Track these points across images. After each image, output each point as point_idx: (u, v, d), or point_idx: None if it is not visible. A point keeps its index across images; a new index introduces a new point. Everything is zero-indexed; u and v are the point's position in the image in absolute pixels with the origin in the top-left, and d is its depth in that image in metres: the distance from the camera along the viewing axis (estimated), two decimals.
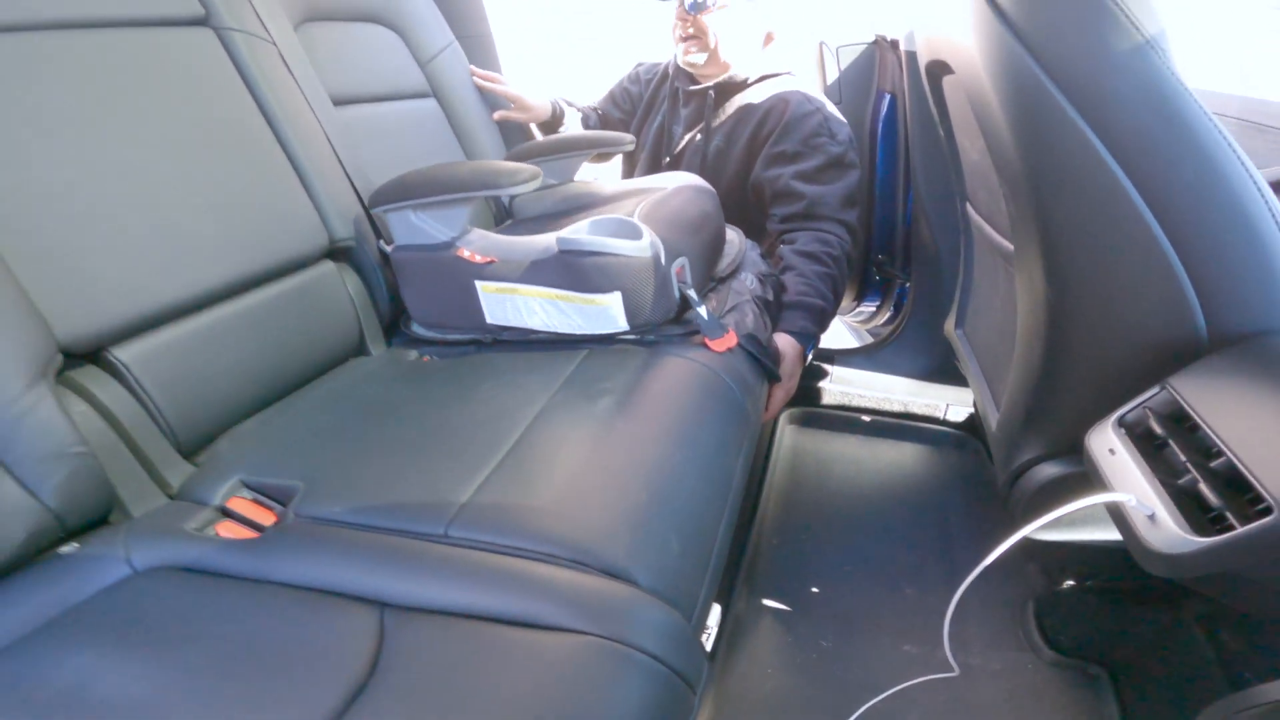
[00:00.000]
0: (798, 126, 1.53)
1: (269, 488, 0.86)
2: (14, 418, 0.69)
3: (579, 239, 1.00)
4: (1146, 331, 0.72)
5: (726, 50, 1.58)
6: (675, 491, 0.81)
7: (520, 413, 0.91)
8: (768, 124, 1.57)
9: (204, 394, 0.93)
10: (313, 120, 1.20)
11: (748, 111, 1.61)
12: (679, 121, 1.73)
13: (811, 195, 1.49)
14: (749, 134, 1.60)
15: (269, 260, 1.03)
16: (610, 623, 0.64)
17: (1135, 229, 0.70)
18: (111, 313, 0.84)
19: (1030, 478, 0.91)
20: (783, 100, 1.56)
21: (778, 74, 1.63)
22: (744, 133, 1.61)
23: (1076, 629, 1.10)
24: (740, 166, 1.63)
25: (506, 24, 1.90)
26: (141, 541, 0.76)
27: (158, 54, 1.01)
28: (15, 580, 0.71)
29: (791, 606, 1.21)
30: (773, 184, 1.54)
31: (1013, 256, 0.87)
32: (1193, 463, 0.63)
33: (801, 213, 1.50)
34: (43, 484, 0.71)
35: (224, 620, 0.66)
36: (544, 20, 3.23)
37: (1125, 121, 0.69)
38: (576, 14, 3.63)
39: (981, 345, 1.16)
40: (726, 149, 1.64)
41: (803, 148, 1.52)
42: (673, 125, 1.74)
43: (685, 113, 1.71)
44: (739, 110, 1.62)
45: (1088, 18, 0.68)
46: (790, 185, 1.51)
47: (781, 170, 1.53)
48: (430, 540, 0.73)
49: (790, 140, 1.53)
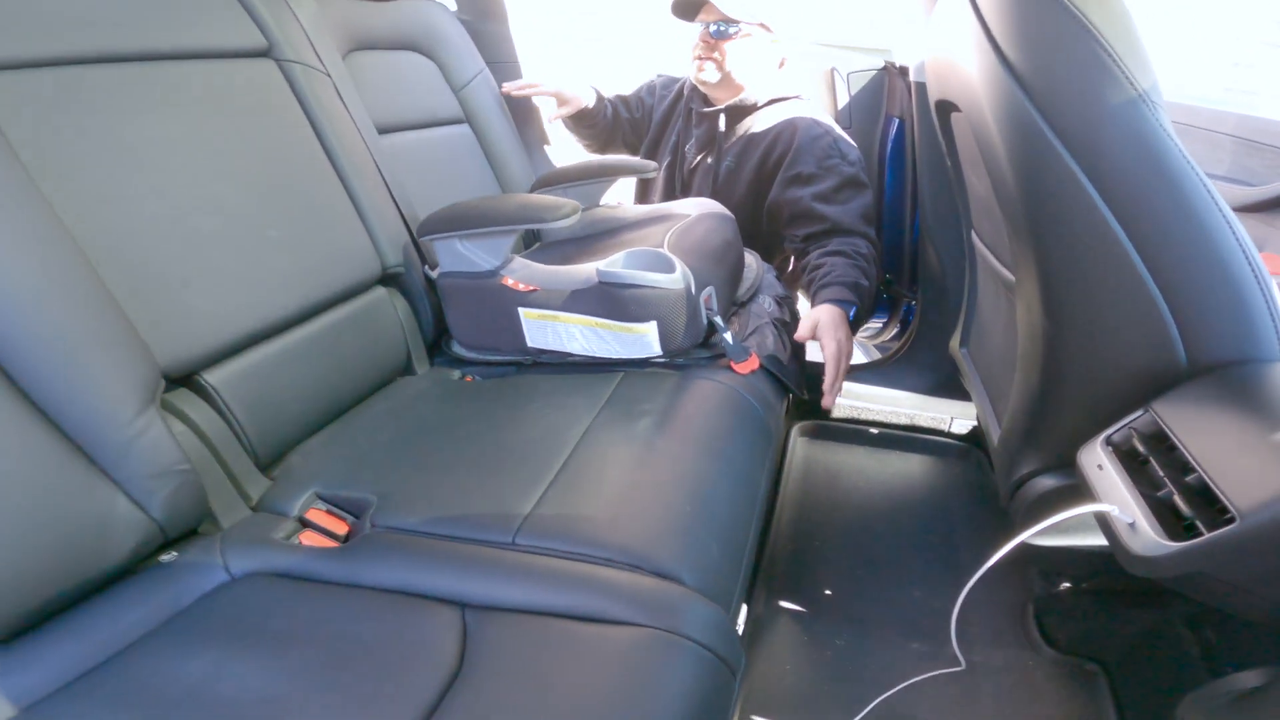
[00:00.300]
0: (810, 149, 1.60)
1: (342, 500, 0.95)
2: (128, 440, 0.77)
3: (618, 272, 1.09)
4: (1132, 361, 0.81)
5: (741, 74, 1.65)
6: (712, 502, 0.91)
7: (569, 431, 1.01)
8: (778, 147, 1.65)
9: (277, 413, 1.01)
10: (364, 149, 1.27)
11: (757, 135, 1.68)
12: (692, 141, 1.80)
13: (832, 215, 1.56)
14: (759, 157, 1.68)
15: (331, 288, 1.12)
16: (664, 616, 0.73)
17: (1123, 268, 0.78)
18: (203, 340, 0.93)
19: (1030, 489, 1.00)
20: (791, 125, 1.64)
21: (786, 98, 1.70)
22: (754, 155, 1.68)
23: (1073, 627, 1.18)
24: (750, 188, 1.71)
25: (512, 24, 1.97)
26: (236, 550, 0.85)
27: (229, 86, 1.08)
28: (124, 586, 0.79)
29: (807, 608, 1.29)
30: (792, 206, 1.61)
31: (1014, 287, 0.96)
32: (1170, 478, 0.72)
33: (823, 231, 1.57)
34: (151, 499, 0.79)
35: (322, 621, 0.75)
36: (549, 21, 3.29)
37: (1116, 169, 0.76)
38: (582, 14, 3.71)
39: (984, 365, 1.25)
40: (737, 170, 1.72)
41: (817, 169, 1.59)
42: (685, 145, 1.81)
43: (698, 133, 1.78)
44: (749, 133, 1.70)
45: (1086, 70, 0.75)
46: (811, 207, 1.58)
47: (800, 192, 1.60)
48: (500, 547, 0.82)
49: (804, 163, 1.60)
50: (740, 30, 1.60)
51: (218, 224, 0.98)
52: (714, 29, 1.61)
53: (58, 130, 0.86)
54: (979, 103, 0.88)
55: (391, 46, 1.52)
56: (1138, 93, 0.74)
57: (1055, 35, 0.77)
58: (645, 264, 1.11)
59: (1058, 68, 0.77)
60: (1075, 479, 0.89)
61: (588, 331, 1.15)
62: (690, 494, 0.90)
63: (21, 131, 0.80)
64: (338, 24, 1.35)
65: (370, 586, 0.80)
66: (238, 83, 1.10)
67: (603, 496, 0.88)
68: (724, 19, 1.59)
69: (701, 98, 1.76)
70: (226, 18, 1.12)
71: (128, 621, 0.76)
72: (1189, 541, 0.66)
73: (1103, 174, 0.77)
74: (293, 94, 1.18)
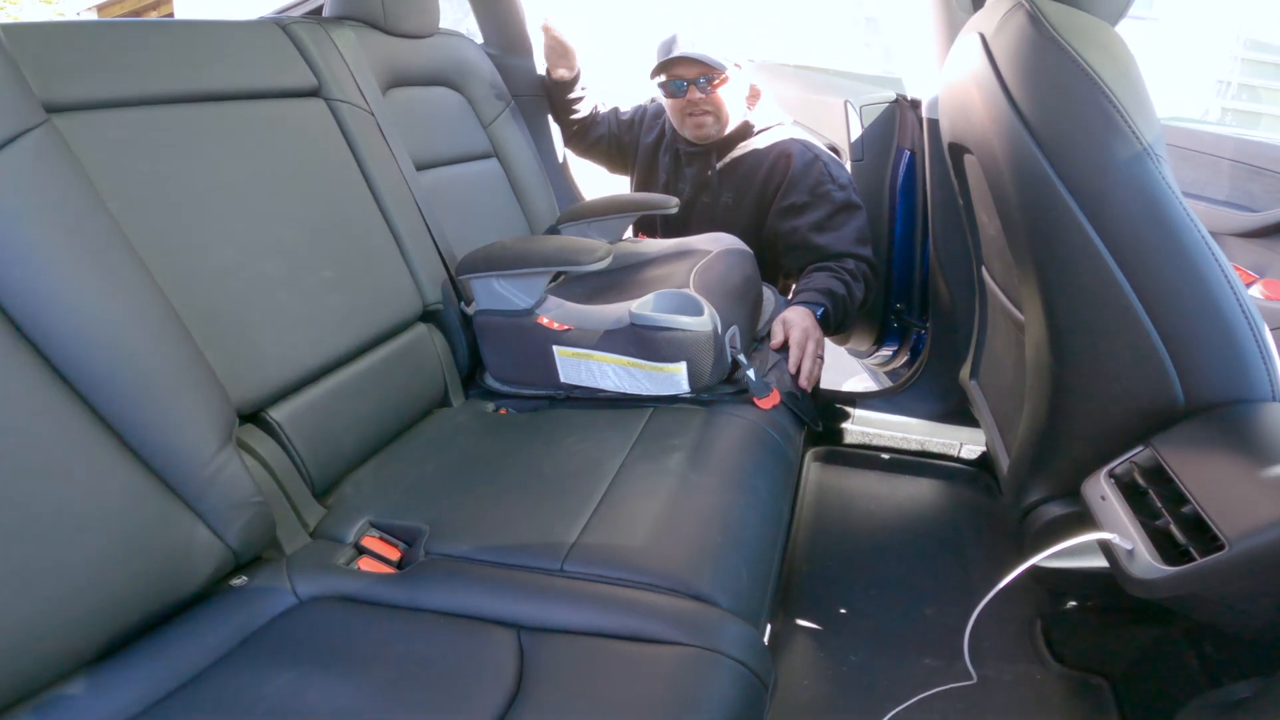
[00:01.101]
0: (803, 177, 1.65)
1: (395, 528, 1.01)
2: (210, 475, 0.83)
3: (650, 315, 1.16)
4: (1133, 400, 0.87)
5: (731, 115, 1.70)
6: (741, 530, 0.98)
7: (605, 465, 1.08)
8: (774, 178, 1.70)
9: (332, 445, 1.08)
10: (405, 188, 1.33)
11: (753, 167, 1.73)
12: (685, 181, 1.83)
13: (825, 244, 1.62)
14: (757, 189, 1.73)
15: (380, 326, 1.19)
16: (704, 636, 0.80)
17: (1124, 313, 0.84)
18: (270, 380, 1.00)
19: (1038, 515, 1.06)
20: (785, 155, 1.69)
21: (773, 125, 1.75)
22: (752, 189, 1.73)
23: (1079, 643, 1.23)
24: (751, 219, 1.76)
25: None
26: (302, 575, 0.91)
27: (283, 125, 1.14)
28: (201, 610, 0.85)
29: (822, 625, 1.34)
30: (788, 238, 1.67)
31: (1024, 326, 1.03)
32: (1167, 509, 0.79)
33: (817, 259, 1.64)
34: (228, 529, 0.86)
35: (388, 642, 0.81)
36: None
37: (1120, 219, 0.82)
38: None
39: (994, 397, 1.31)
40: (735, 206, 1.77)
41: (810, 197, 1.65)
42: (679, 184, 1.85)
43: (690, 173, 1.82)
44: (745, 167, 1.74)
45: (1094, 124, 0.80)
46: (805, 238, 1.64)
47: (795, 223, 1.66)
48: (550, 573, 0.89)
49: (798, 192, 1.66)
50: (721, 75, 1.64)
51: (280, 266, 1.04)
52: (701, 81, 1.64)
53: (134, 172, 0.91)
54: (991, 148, 0.93)
55: (426, 82, 1.56)
56: (1143, 146, 0.79)
57: (1066, 88, 0.82)
58: (674, 306, 1.18)
59: (1068, 120, 0.83)
60: (1080, 506, 0.95)
61: (620, 370, 1.22)
62: (722, 524, 0.97)
63: (104, 173, 0.84)
64: (376, 61, 1.39)
65: (430, 610, 0.86)
66: (291, 122, 1.15)
67: (642, 526, 0.95)
68: (707, 71, 1.63)
69: (686, 140, 1.79)
70: (279, 57, 1.18)
71: (207, 643, 0.81)
72: (1183, 566, 0.73)
73: (1107, 223, 0.82)
74: (341, 133, 1.24)
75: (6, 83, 0.73)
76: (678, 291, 1.22)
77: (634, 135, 1.94)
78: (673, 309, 1.18)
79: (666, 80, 1.67)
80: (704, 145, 1.77)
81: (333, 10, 1.46)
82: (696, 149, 1.78)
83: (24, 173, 0.72)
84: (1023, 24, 0.85)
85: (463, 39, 1.71)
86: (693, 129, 1.72)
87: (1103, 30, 0.86)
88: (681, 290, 1.22)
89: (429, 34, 1.58)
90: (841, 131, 1.90)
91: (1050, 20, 0.83)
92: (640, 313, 1.17)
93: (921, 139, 1.63)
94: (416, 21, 1.52)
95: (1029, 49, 0.84)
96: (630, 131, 1.95)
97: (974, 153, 1.04)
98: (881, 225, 1.85)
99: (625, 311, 1.19)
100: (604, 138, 1.96)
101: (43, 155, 0.74)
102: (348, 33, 1.34)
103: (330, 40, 1.29)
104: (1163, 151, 0.80)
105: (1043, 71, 0.83)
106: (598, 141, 1.96)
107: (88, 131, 0.87)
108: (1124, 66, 0.82)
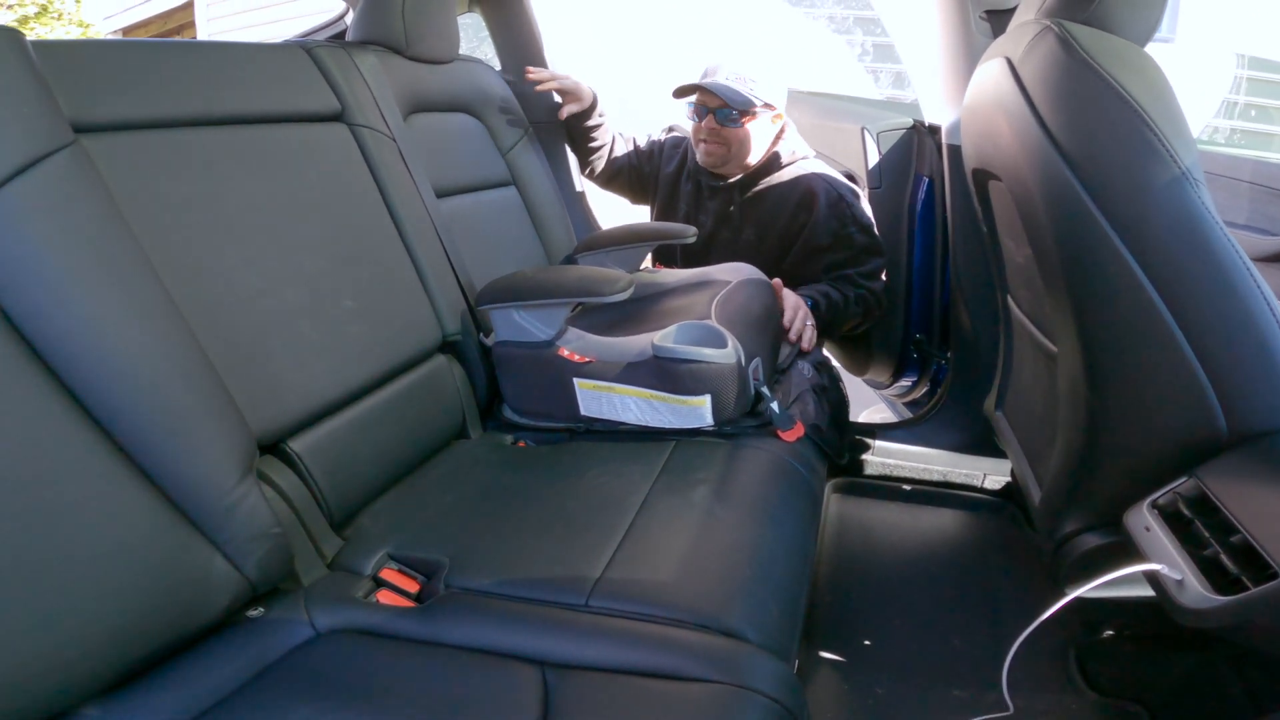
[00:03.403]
0: (827, 221, 1.67)
1: (414, 561, 0.99)
2: (229, 506, 0.82)
3: (672, 347, 1.14)
4: (1174, 429, 0.85)
5: (749, 154, 1.69)
6: (769, 565, 0.96)
7: (629, 499, 1.05)
8: (799, 218, 1.70)
9: (351, 476, 1.06)
10: (425, 216, 1.32)
11: (777, 204, 1.72)
12: (707, 214, 1.82)
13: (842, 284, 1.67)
14: (781, 227, 1.73)
15: (401, 356, 1.18)
16: (735, 673, 0.77)
17: (1165, 342, 0.82)
18: (290, 410, 0.98)
19: (1074, 546, 1.04)
20: (810, 194, 1.69)
21: (797, 159, 1.74)
22: (775, 226, 1.73)
23: (1116, 671, 1.20)
24: (774, 255, 1.75)
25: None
26: (320, 607, 0.89)
27: (306, 150, 1.13)
28: (217, 640, 0.84)
29: (846, 657, 1.30)
30: (807, 276, 1.69)
31: (1055, 357, 1.01)
32: (1215, 539, 0.77)
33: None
34: (246, 560, 0.84)
35: (409, 678, 0.79)
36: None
37: (1160, 245, 0.80)
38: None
39: (1022, 427, 1.29)
40: (758, 242, 1.76)
41: (832, 240, 1.68)
42: (700, 217, 1.83)
43: (712, 206, 1.80)
44: (768, 202, 1.73)
45: (1131, 147, 0.79)
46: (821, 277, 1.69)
47: (817, 264, 1.69)
48: (574, 609, 0.86)
49: (821, 234, 1.68)
50: (747, 114, 1.63)
51: (302, 294, 1.04)
52: (720, 115, 1.63)
53: (159, 195, 0.90)
54: (1022, 174, 0.92)
55: (446, 108, 1.56)
56: (1181, 170, 0.78)
57: (1101, 112, 0.80)
58: (697, 338, 1.17)
59: (1104, 145, 0.81)
60: (1118, 537, 0.93)
61: (643, 403, 1.20)
62: (749, 558, 0.94)
63: (129, 195, 0.83)
64: (398, 86, 1.39)
65: (450, 645, 0.84)
66: (314, 147, 1.15)
67: (669, 561, 0.92)
68: (727, 107, 1.62)
69: (710, 172, 1.78)
70: (304, 81, 1.18)
71: (223, 674, 0.80)
72: (1236, 595, 0.71)
73: (1146, 250, 0.81)
74: (363, 159, 1.23)
75: (37, 101, 0.73)
76: (701, 323, 1.20)
77: (654, 165, 1.93)
78: (696, 341, 1.16)
79: (689, 102, 1.68)
80: (727, 178, 1.76)
81: (355, 34, 1.46)
82: (719, 182, 1.77)
83: (51, 194, 0.71)
84: (1053, 48, 0.84)
85: (482, 65, 1.71)
86: (703, 154, 1.72)
87: (1134, 53, 0.85)
88: (704, 321, 1.21)
89: (449, 59, 1.57)
90: (858, 158, 1.89)
91: (1081, 43, 0.82)
92: (663, 344, 1.15)
93: (941, 166, 1.62)
94: (437, 47, 1.52)
95: (1061, 73, 0.83)
96: (650, 161, 1.93)
97: (1002, 179, 1.03)
98: (900, 254, 1.83)
99: (647, 343, 1.18)
100: (624, 170, 1.95)
101: (70, 176, 0.74)
102: (370, 57, 1.34)
103: (353, 64, 1.29)
104: (1201, 175, 0.79)
105: (1076, 96, 0.82)
106: (618, 174, 1.95)
107: (114, 152, 0.86)
108: (1158, 89, 0.81)
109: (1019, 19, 1.02)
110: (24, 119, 0.71)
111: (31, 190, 0.70)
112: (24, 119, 0.71)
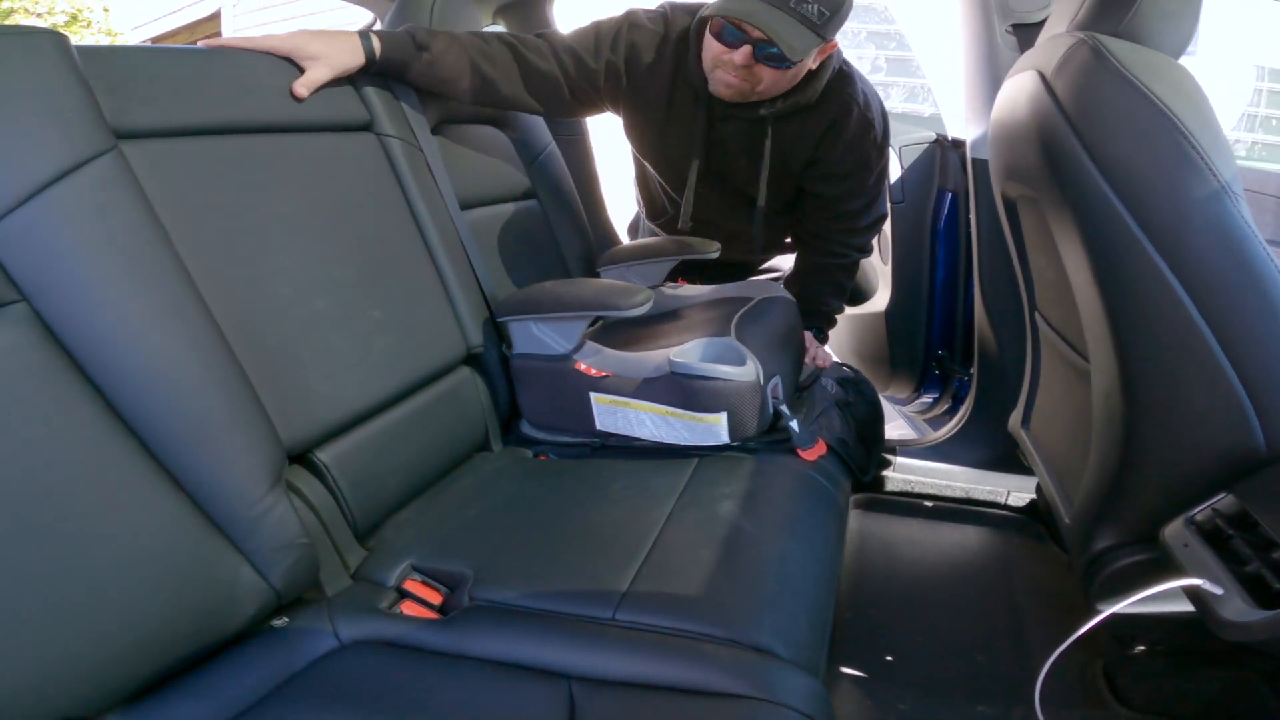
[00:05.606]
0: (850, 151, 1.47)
1: (438, 573, 0.98)
2: (257, 515, 0.82)
3: (690, 364, 1.13)
4: (1211, 446, 0.84)
5: (784, 88, 1.37)
6: (797, 579, 0.95)
7: (653, 513, 1.04)
8: (823, 144, 1.47)
9: (377, 487, 1.06)
10: (451, 227, 1.31)
11: (808, 132, 1.46)
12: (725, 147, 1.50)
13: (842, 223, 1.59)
14: (806, 154, 1.50)
15: (427, 368, 1.17)
16: (765, 687, 0.76)
17: (1203, 357, 0.81)
18: (318, 421, 0.98)
19: (1107, 562, 1.02)
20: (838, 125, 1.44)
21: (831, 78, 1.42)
22: (801, 154, 1.50)
23: (1149, 687, 1.18)
24: (792, 182, 1.56)
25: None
26: (344, 617, 0.89)
27: (335, 160, 1.12)
28: (241, 650, 0.83)
29: (869, 673, 1.29)
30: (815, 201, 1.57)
31: (1088, 373, 1.00)
32: (1257, 554, 0.75)
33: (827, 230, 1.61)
34: (272, 569, 0.84)
35: (435, 690, 0.78)
36: None
37: (1199, 261, 0.79)
38: None
39: (1050, 445, 1.27)
40: (780, 176, 1.52)
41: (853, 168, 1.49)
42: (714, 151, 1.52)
43: (729, 129, 1.47)
44: (801, 133, 1.46)
45: (1170, 162, 0.79)
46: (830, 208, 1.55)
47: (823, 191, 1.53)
48: (601, 623, 0.85)
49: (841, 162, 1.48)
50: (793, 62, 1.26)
51: (331, 304, 1.03)
52: (762, 54, 1.26)
53: (192, 202, 0.90)
54: (1055, 188, 0.91)
55: (472, 120, 1.55)
56: (1220, 184, 0.77)
57: (1139, 126, 0.80)
58: (717, 355, 1.16)
59: (1141, 158, 0.81)
60: (1153, 553, 0.92)
61: (658, 419, 1.19)
62: (777, 573, 0.93)
63: (164, 202, 0.83)
64: (425, 96, 1.38)
65: (475, 657, 0.83)
66: (343, 157, 1.15)
67: (696, 575, 0.91)
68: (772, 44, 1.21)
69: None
70: (334, 91, 1.16)
71: (246, 684, 0.79)
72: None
73: (1186, 265, 0.80)
74: (391, 169, 1.23)
75: (80, 106, 0.73)
76: (720, 340, 1.19)
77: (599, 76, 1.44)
78: (714, 358, 1.15)
79: (723, 22, 1.26)
80: (752, 111, 1.42)
81: None
82: (742, 114, 1.44)
83: (91, 200, 0.72)
84: (1088, 60, 0.84)
85: None
86: (721, 85, 1.34)
87: (1170, 65, 0.85)
88: (723, 338, 1.20)
89: None
90: None
91: (1117, 56, 0.82)
92: (680, 361, 1.14)
93: (965, 180, 1.61)
94: None
95: (1096, 86, 0.83)
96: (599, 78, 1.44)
97: (1034, 193, 1.03)
98: (922, 271, 1.83)
99: (665, 359, 1.16)
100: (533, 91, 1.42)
101: (110, 182, 0.74)
102: None
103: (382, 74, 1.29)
104: (1239, 189, 0.79)
105: (1113, 109, 0.82)
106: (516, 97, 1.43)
107: (152, 159, 0.86)
108: (1195, 102, 0.80)
109: (1049, 31, 1.02)
110: (65, 124, 0.71)
111: (71, 196, 0.70)
112: (65, 124, 0.71)
